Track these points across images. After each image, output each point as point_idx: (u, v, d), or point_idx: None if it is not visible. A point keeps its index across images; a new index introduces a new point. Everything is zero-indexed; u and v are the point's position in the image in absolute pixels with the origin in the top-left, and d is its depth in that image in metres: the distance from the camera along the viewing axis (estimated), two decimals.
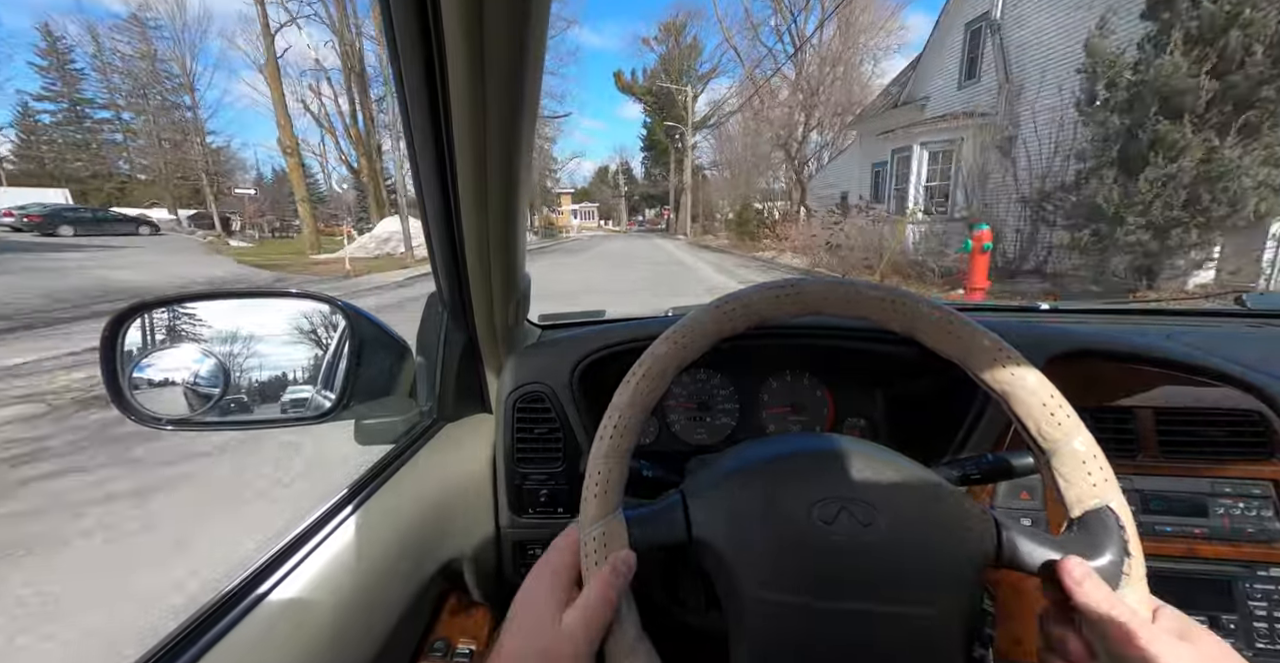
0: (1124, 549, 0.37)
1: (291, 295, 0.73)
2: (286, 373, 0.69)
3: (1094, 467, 0.38)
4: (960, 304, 1.01)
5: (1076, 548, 0.38)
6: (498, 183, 0.53)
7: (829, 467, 0.44)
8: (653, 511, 0.44)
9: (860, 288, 0.43)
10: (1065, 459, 0.39)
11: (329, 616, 0.54)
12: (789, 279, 0.44)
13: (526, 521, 0.82)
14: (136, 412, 0.61)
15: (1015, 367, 0.40)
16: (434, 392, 0.78)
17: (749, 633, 0.39)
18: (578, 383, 0.81)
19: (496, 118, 0.46)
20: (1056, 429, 0.39)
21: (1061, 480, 0.39)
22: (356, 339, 0.68)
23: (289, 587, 0.52)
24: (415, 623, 0.71)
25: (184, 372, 0.63)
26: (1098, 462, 0.38)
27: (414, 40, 0.40)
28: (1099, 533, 0.38)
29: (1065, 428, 0.39)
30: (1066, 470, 0.39)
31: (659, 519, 0.43)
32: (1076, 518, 0.39)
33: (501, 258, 0.65)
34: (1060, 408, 0.39)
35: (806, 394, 0.97)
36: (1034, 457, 0.42)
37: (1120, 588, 0.36)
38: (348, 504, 0.63)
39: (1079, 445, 0.39)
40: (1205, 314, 1.14)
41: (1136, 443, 0.74)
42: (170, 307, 0.65)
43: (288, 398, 0.69)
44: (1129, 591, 0.36)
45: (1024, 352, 0.42)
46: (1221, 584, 0.69)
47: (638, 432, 0.43)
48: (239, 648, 0.46)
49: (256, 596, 0.50)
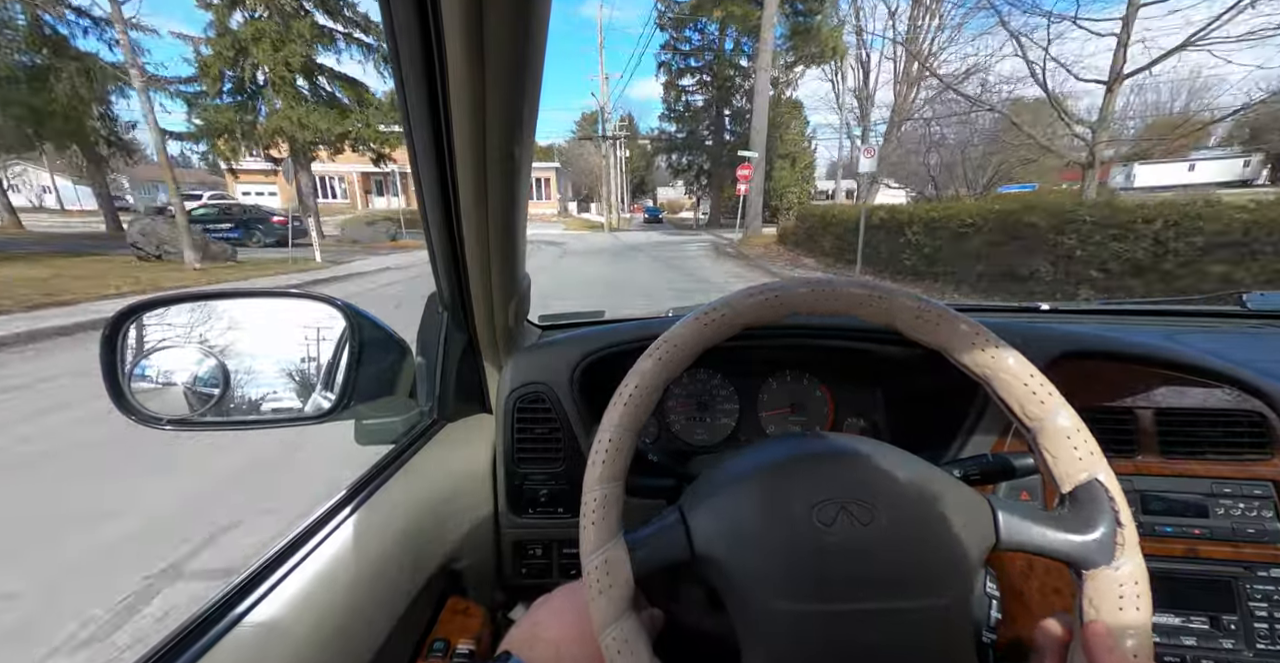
0: (1115, 520, 0.38)
1: (292, 295, 0.73)
2: (286, 373, 0.69)
3: (1079, 441, 0.39)
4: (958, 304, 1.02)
5: (1071, 524, 0.39)
6: (497, 183, 0.54)
7: (823, 468, 0.44)
8: (652, 532, 0.43)
9: (839, 285, 0.44)
10: (1050, 436, 0.39)
11: (329, 615, 0.54)
12: (770, 283, 0.45)
13: (526, 520, 0.82)
14: (136, 412, 0.61)
15: (994, 349, 0.41)
16: (434, 392, 0.78)
17: (764, 642, 0.39)
18: (578, 383, 0.81)
19: (496, 118, 0.46)
20: (1039, 407, 0.40)
21: (1049, 456, 0.40)
22: (357, 339, 0.68)
23: (290, 587, 0.52)
24: (415, 623, 0.71)
25: (184, 372, 0.63)
26: (1082, 436, 0.39)
27: (414, 40, 0.40)
28: (1090, 507, 0.38)
29: (1048, 405, 0.40)
30: (1052, 446, 0.39)
31: (660, 540, 0.43)
32: (1067, 493, 0.40)
33: (501, 258, 0.65)
34: (1041, 386, 0.40)
35: (806, 394, 0.97)
36: (1022, 434, 0.42)
37: (1116, 559, 0.37)
38: (348, 504, 0.63)
39: (1063, 421, 0.39)
40: (1205, 314, 1.14)
41: (1136, 443, 0.74)
42: (170, 307, 0.65)
43: (287, 398, 0.69)
44: (1124, 561, 0.37)
45: (1024, 352, 0.42)
46: (1221, 585, 0.69)
47: (630, 451, 0.43)
48: (240, 648, 0.46)
49: (258, 595, 0.50)
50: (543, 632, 0.46)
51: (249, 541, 2.13)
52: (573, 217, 37.99)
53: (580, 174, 41.15)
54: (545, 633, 0.45)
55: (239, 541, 2.14)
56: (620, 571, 0.40)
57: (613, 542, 0.41)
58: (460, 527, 0.79)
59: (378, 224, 19.47)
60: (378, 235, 18.65)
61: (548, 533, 0.83)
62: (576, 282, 9.16)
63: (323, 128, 16.04)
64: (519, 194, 0.58)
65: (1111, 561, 0.37)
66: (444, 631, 0.73)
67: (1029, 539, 0.39)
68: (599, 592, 0.39)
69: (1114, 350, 0.76)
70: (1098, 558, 0.37)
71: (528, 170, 0.56)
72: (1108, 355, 0.76)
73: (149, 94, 9.66)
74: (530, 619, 0.48)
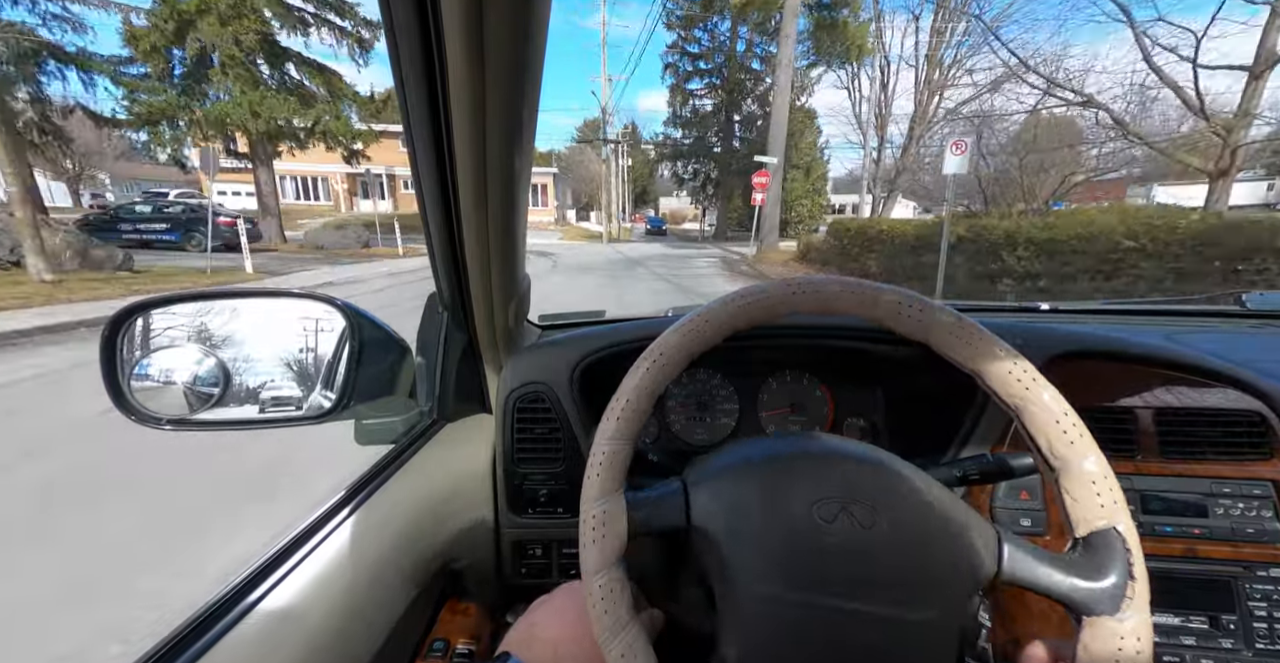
0: (1128, 573, 0.36)
1: (292, 295, 0.73)
2: (286, 373, 0.69)
3: (1104, 488, 0.38)
4: (960, 304, 1.01)
5: (1080, 569, 0.38)
6: (497, 183, 0.54)
7: (832, 467, 0.44)
8: (653, 495, 0.44)
9: (874, 291, 0.43)
10: (1075, 478, 0.38)
11: (329, 615, 0.54)
12: (809, 276, 0.45)
13: (526, 520, 0.82)
14: (136, 412, 0.61)
15: (1030, 380, 0.40)
16: (434, 392, 0.78)
17: (743, 625, 0.39)
18: (578, 383, 0.81)
19: (496, 118, 0.46)
20: (1068, 448, 0.39)
21: (1069, 498, 0.39)
22: (357, 339, 0.68)
23: (289, 587, 0.52)
24: (414, 623, 0.71)
25: (184, 372, 0.63)
26: (1108, 483, 0.38)
27: (414, 40, 0.40)
28: (1104, 554, 0.37)
29: (1078, 447, 0.39)
30: (1075, 489, 0.38)
31: (659, 504, 0.43)
32: (1082, 537, 0.39)
33: (501, 258, 0.65)
34: (1074, 426, 0.39)
35: (806, 394, 0.97)
36: (1042, 472, 0.41)
37: (1121, 611, 0.36)
38: (348, 504, 0.63)
39: (1090, 465, 0.38)
40: (1205, 314, 1.14)
41: (1136, 443, 0.74)
42: (170, 306, 0.65)
43: (288, 398, 0.69)
44: (1130, 615, 0.36)
45: (1024, 352, 0.42)
46: (1221, 585, 0.69)
47: (645, 417, 0.44)
48: (239, 648, 0.46)
49: (257, 596, 0.50)
50: (540, 632, 0.46)
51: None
52: (571, 225, 36.55)
53: (580, 181, 39.76)
54: (543, 633, 0.46)
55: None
56: (617, 522, 0.40)
57: (614, 494, 0.42)
58: (460, 527, 0.79)
59: (348, 229, 17.61)
60: (347, 242, 16.86)
61: (547, 533, 0.83)
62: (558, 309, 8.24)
63: (279, 118, 13.98)
64: (519, 195, 0.58)
65: (1117, 612, 0.36)
66: (443, 631, 0.73)
67: (1031, 576, 0.39)
68: (593, 540, 0.40)
69: (1114, 350, 0.76)
70: (1103, 607, 0.36)
71: (528, 171, 0.56)
72: (1108, 355, 0.76)
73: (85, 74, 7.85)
74: (528, 619, 0.48)
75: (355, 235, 17.13)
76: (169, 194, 21.90)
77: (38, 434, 3.16)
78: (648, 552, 0.59)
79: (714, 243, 26.28)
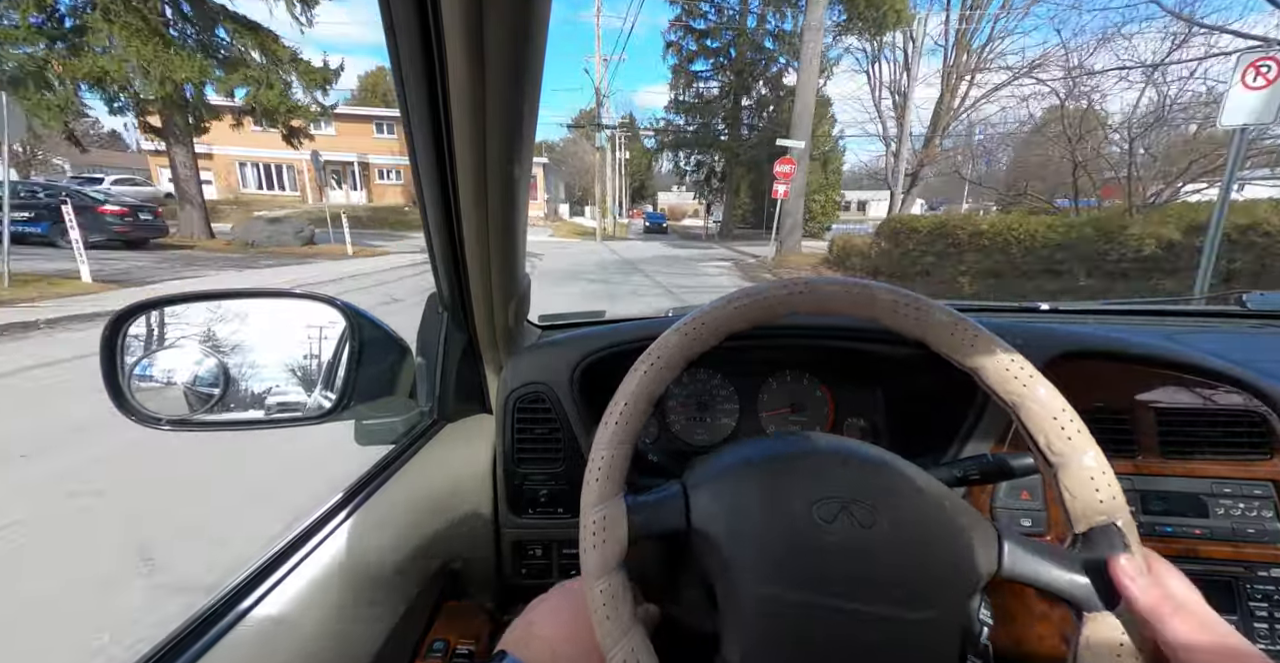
0: None
1: (292, 295, 0.73)
2: (287, 373, 0.69)
3: (1102, 483, 0.38)
4: (960, 304, 1.01)
5: (1080, 565, 0.38)
6: (497, 183, 0.54)
7: (832, 467, 0.44)
8: (653, 498, 0.44)
9: (872, 289, 0.44)
10: (1073, 474, 0.38)
11: (329, 616, 0.54)
12: (805, 278, 0.45)
13: (526, 521, 0.82)
14: (136, 412, 0.61)
15: (1027, 377, 0.40)
16: (434, 392, 0.78)
17: (744, 626, 0.39)
18: (578, 383, 0.81)
19: (496, 118, 0.46)
20: (1066, 444, 0.39)
21: (1067, 495, 0.39)
22: (357, 339, 0.68)
23: (289, 587, 0.52)
24: (414, 624, 0.71)
25: (184, 372, 0.63)
26: (1106, 478, 0.38)
27: (414, 40, 0.40)
28: (1104, 550, 0.37)
29: (1075, 443, 0.39)
30: (1074, 486, 0.38)
31: (659, 507, 0.43)
32: (1081, 533, 0.39)
33: (501, 258, 0.65)
34: (1071, 422, 0.39)
35: (806, 394, 0.97)
36: (1040, 469, 0.41)
37: (1122, 606, 0.36)
38: (348, 504, 0.63)
39: (1088, 461, 0.38)
40: (1205, 314, 1.14)
41: (1137, 443, 0.74)
42: (171, 306, 0.65)
43: (288, 398, 0.69)
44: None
45: (1024, 352, 0.42)
46: (1222, 585, 0.69)
47: (643, 420, 0.44)
48: (239, 648, 0.46)
49: (257, 596, 0.50)
50: (538, 630, 0.46)
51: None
52: (564, 220, 33.49)
53: (574, 174, 36.90)
54: (540, 631, 0.46)
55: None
56: (618, 527, 0.40)
57: (614, 499, 0.42)
58: (460, 527, 0.79)
59: (284, 223, 14.25)
60: (284, 238, 13.51)
61: (547, 533, 0.83)
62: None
63: (181, 77, 11.04)
64: (518, 194, 0.58)
65: (1118, 607, 0.36)
66: (443, 631, 0.73)
67: (1032, 573, 0.39)
68: (593, 545, 0.40)
69: (1114, 350, 0.75)
70: (1103, 602, 0.36)
71: (527, 171, 0.56)
72: (1108, 356, 0.76)
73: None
74: (525, 618, 0.48)
75: (295, 230, 13.79)
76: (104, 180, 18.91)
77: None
78: (649, 553, 0.59)
79: (720, 242, 23.96)
